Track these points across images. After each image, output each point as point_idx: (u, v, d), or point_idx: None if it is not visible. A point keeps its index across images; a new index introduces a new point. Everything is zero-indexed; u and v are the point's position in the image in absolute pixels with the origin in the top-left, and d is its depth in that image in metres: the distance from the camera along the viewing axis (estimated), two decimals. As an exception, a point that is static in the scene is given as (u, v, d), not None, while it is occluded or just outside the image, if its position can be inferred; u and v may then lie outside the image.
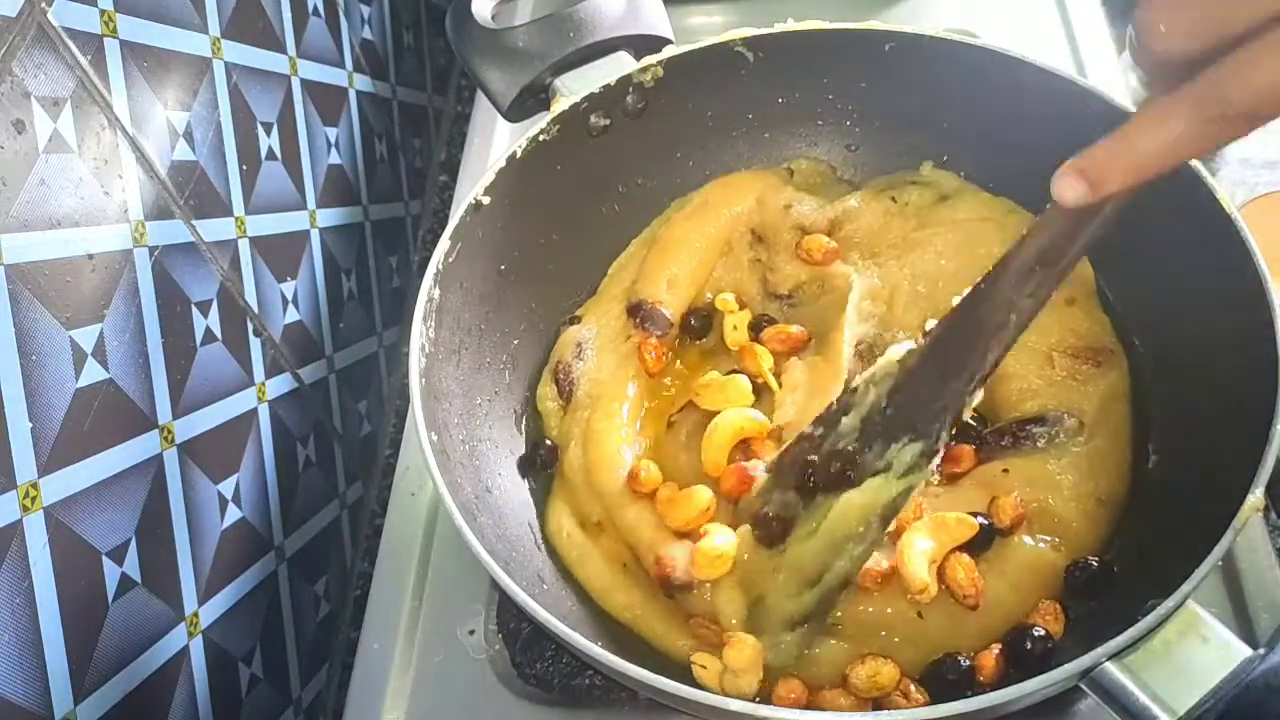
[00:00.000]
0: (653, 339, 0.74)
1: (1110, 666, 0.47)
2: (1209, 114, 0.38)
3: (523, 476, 0.72)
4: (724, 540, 0.61)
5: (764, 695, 0.58)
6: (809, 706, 0.58)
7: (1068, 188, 0.43)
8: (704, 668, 0.59)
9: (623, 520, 0.67)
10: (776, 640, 0.59)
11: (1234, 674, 0.46)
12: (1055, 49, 0.98)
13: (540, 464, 0.72)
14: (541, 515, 0.70)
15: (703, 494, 0.65)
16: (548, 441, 0.72)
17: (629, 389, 0.73)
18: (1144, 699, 0.47)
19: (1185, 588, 0.48)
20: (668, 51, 0.73)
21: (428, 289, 0.64)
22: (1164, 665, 0.47)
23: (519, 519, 0.69)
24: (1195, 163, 0.60)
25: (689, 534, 0.64)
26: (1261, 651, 0.46)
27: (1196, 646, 0.48)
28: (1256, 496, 0.50)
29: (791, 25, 0.73)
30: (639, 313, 0.75)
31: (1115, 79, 0.94)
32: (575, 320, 0.77)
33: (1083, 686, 0.48)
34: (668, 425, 0.73)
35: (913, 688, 0.58)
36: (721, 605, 0.61)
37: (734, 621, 0.60)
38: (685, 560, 0.62)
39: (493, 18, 0.76)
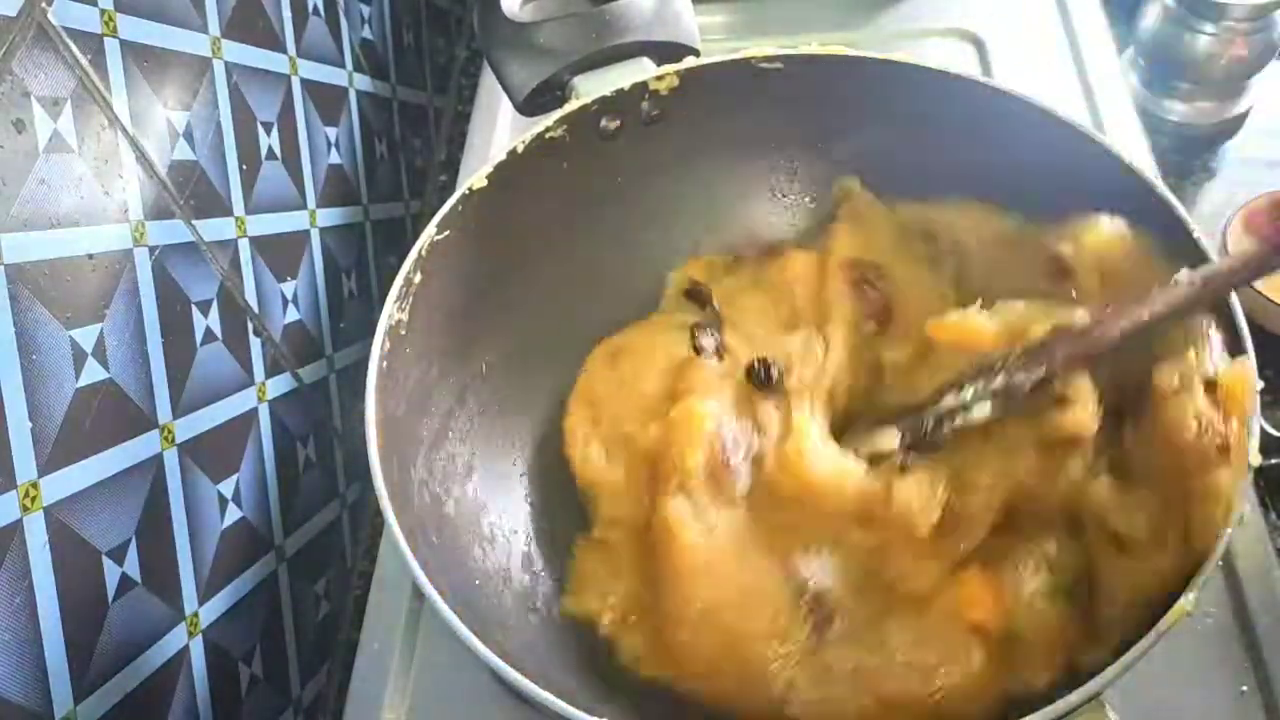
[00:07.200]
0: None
1: None
2: None
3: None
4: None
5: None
6: None
7: None
8: None
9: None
10: None
11: None
12: (1056, 48, 0.98)
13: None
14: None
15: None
16: None
17: None
18: None
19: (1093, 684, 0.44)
20: (687, 62, 0.71)
21: (406, 272, 0.62)
22: None
23: (493, 563, 0.65)
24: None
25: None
26: None
27: None
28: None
29: (819, 48, 0.69)
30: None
31: (1116, 78, 0.95)
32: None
33: None
34: None
35: None
36: None
37: None
38: None
39: (521, 8, 0.75)
